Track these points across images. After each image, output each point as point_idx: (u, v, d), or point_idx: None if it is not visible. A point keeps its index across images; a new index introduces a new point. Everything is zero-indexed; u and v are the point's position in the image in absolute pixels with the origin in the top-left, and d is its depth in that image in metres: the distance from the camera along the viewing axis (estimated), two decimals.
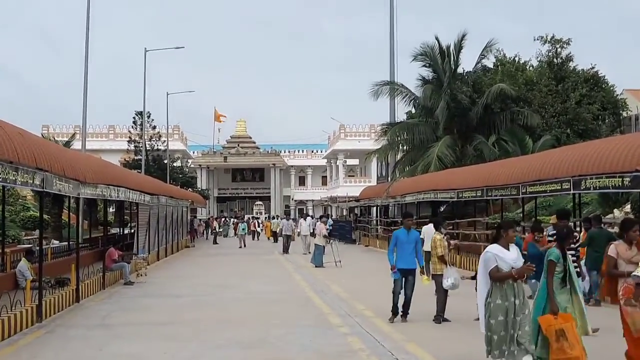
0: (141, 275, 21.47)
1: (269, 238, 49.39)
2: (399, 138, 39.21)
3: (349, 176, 76.62)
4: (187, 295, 17.50)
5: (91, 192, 17.25)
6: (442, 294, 12.71)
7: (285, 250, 32.57)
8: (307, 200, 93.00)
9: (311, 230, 31.33)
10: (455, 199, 25.82)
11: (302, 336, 11.37)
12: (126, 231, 32.29)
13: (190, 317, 13.72)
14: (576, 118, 38.65)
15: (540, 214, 31.31)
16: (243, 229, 41.91)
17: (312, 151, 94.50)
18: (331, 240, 26.23)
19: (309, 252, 29.67)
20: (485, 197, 23.09)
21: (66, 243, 26.37)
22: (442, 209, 35.74)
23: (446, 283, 12.55)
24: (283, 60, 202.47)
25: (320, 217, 33.20)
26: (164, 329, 12.43)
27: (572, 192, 16.90)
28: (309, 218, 33.72)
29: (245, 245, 39.25)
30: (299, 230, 32.90)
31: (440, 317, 12.57)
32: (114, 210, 41.28)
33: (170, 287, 19.41)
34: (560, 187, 17.14)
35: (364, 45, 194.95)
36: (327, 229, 27.22)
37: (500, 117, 36.33)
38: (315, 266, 25.17)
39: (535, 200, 23.94)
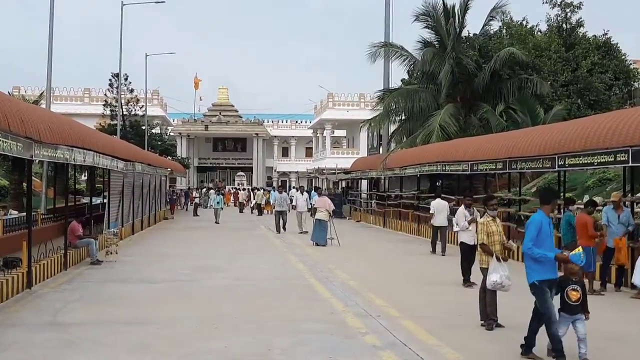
0: (111, 253, 18.40)
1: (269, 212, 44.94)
2: (396, 106, 36.22)
3: (334, 147, 73.55)
4: (164, 280, 14.53)
5: (49, 155, 14.14)
6: (490, 293, 9.86)
7: (279, 228, 27.95)
8: (290, 172, 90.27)
9: (309, 206, 28.03)
10: (469, 172, 22.94)
11: (317, 349, 8.47)
12: (98, 201, 29.05)
13: (166, 313, 10.77)
14: (587, 87, 35.97)
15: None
16: (218, 202, 36.97)
17: (297, 121, 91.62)
18: (332, 216, 23.31)
19: (304, 231, 26.63)
20: (508, 170, 20.23)
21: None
22: (438, 183, 33.12)
23: (489, 280, 9.71)
24: (268, 29, 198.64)
25: (316, 188, 29.97)
26: (132, 332, 9.48)
27: (630, 164, 14.05)
28: (305, 193, 29.66)
29: (219, 222, 34.89)
30: (294, 204, 29.18)
31: (492, 321, 9.75)
32: (86, 177, 38.03)
33: (144, 269, 16.42)
34: (613, 159, 14.28)
35: (354, 15, 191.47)
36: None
37: (507, 84, 33.47)
38: (316, 244, 22.43)
39: (564, 175, 21.00)
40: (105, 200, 22.77)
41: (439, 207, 20.52)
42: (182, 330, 9.51)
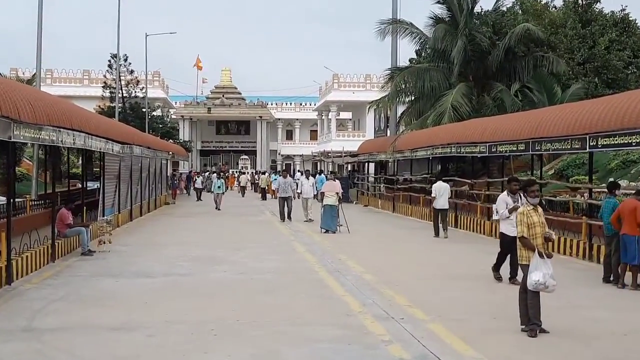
0: (103, 242, 17.04)
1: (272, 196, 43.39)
2: (405, 85, 34.77)
3: (339, 130, 72.01)
4: (160, 274, 13.19)
5: (31, 136, 12.75)
6: (532, 293, 8.47)
7: (284, 216, 25.68)
8: (295, 155, 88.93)
9: (315, 192, 26.52)
10: (487, 154, 21.52)
11: None
12: (95, 186, 27.54)
13: (160, 315, 9.42)
14: (605, 65, 34.40)
15: (573, 172, 27.32)
16: (219, 187, 34.81)
17: (301, 104, 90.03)
18: (341, 201, 21.98)
19: (311, 219, 25.16)
20: (531, 152, 18.78)
21: (19, 200, 21.70)
22: (449, 166, 31.82)
23: (530, 280, 8.34)
24: (271, 9, 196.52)
25: (320, 172, 28.43)
26: (118, 340, 8.13)
27: None
28: (312, 177, 28.00)
29: (220, 208, 32.90)
30: (299, 191, 27.57)
31: (535, 326, 8.38)
32: (83, 161, 36.61)
33: (139, 261, 15.06)
34: None
35: None
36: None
37: (522, 62, 32.06)
38: (326, 231, 21.16)
39: (592, 157, 19.41)
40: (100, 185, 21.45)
41: (440, 190, 20.61)
42: (176, 339, 8.16)
